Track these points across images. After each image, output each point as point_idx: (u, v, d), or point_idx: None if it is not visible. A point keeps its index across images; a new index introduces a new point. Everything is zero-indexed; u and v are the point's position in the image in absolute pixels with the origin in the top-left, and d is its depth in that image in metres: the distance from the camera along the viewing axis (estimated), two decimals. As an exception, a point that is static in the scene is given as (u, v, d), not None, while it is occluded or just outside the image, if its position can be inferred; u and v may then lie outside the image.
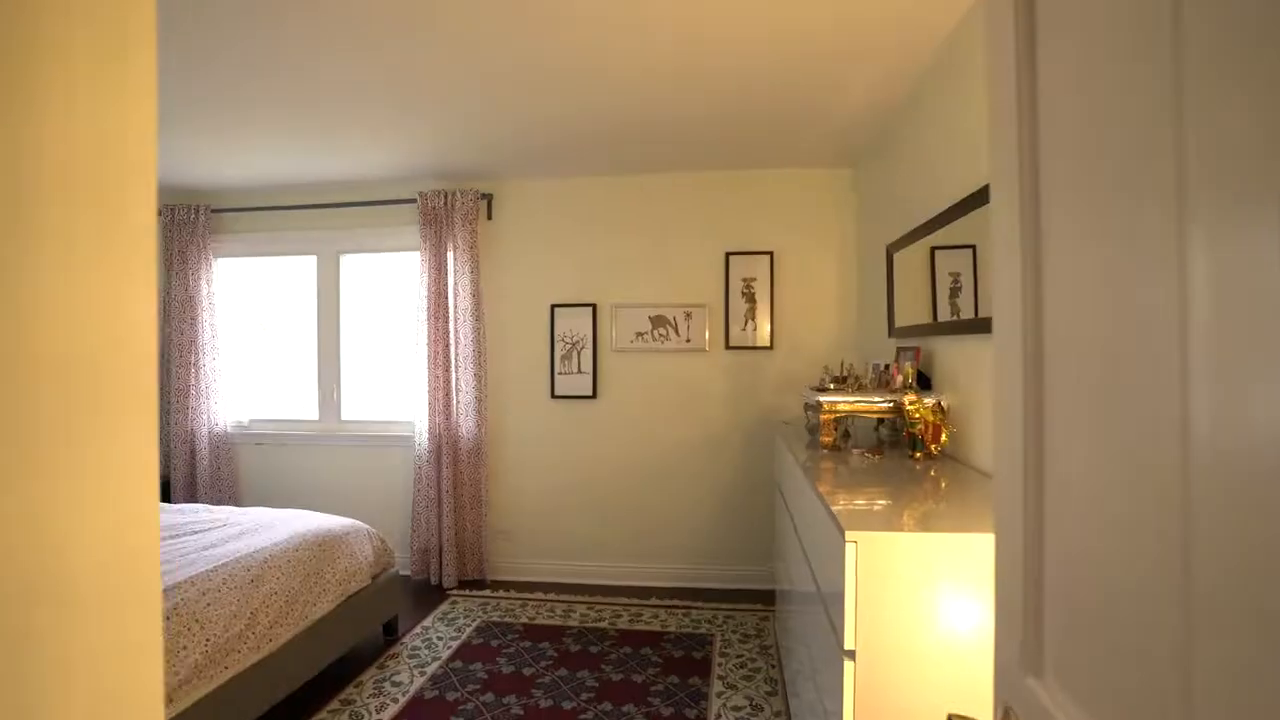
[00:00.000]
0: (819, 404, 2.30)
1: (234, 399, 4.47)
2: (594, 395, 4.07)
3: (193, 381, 4.28)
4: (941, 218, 2.38)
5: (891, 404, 2.24)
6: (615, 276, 4.06)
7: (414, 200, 4.08)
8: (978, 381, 2.05)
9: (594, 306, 4.06)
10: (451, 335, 4.05)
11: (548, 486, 4.14)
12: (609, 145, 3.48)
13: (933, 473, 1.95)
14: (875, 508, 1.58)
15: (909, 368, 2.34)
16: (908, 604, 1.31)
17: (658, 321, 4.01)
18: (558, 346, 4.11)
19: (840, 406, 2.28)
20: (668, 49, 2.37)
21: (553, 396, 4.12)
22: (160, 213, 4.35)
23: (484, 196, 4.09)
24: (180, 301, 4.30)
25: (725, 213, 3.95)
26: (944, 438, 2.08)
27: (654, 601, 3.72)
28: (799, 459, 2.28)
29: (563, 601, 3.74)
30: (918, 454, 2.10)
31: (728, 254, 3.93)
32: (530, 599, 3.77)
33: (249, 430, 4.46)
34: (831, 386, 2.48)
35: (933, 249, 2.58)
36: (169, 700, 2.03)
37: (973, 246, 2.25)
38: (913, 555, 1.31)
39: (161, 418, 4.48)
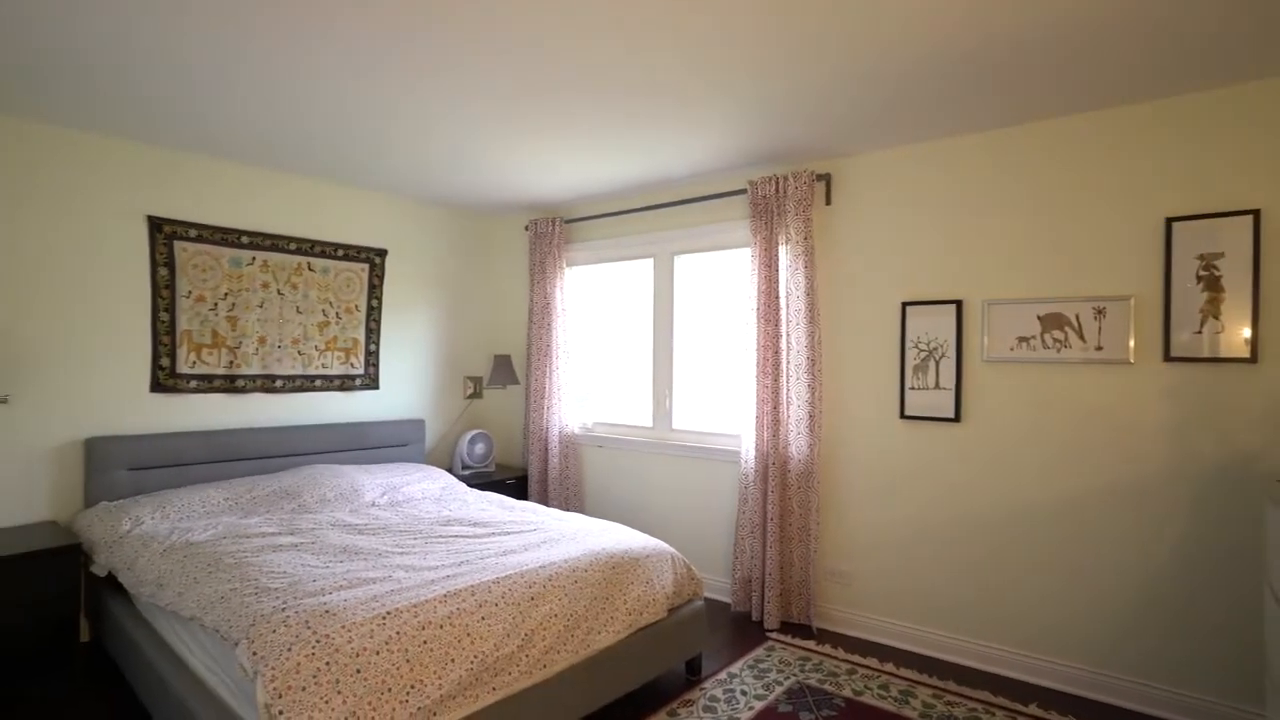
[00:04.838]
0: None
1: (580, 402, 4.65)
2: (956, 418, 3.16)
3: (547, 384, 4.56)
4: None
5: None
6: (989, 264, 3.10)
7: (744, 191, 3.70)
8: None
9: (959, 304, 3.16)
10: (783, 340, 3.56)
11: (892, 527, 3.35)
12: (979, 83, 2.60)
13: None
14: None
15: None
16: None
17: (1051, 322, 2.93)
18: (909, 355, 3.31)
19: None
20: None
21: (902, 416, 3.32)
22: (527, 227, 4.74)
23: (820, 178, 3.50)
24: (540, 308, 4.62)
25: (1164, 160, 2.70)
26: None
27: (1035, 710, 2.67)
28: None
29: (901, 679, 2.93)
30: None
31: (1169, 221, 2.67)
32: (860, 665, 3.05)
33: (593, 433, 4.58)
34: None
35: None
36: (431, 714, 1.93)
37: None
38: None
39: (522, 417, 4.89)
